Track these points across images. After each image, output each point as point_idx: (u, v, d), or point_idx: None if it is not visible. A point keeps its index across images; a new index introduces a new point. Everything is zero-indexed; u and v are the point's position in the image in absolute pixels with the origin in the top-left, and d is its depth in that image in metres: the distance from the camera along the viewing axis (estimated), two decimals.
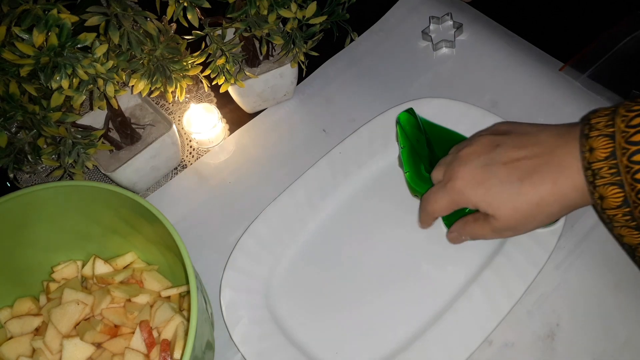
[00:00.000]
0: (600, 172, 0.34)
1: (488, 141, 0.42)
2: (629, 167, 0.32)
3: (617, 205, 0.34)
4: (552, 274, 0.49)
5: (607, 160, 0.33)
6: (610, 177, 0.33)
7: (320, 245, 0.54)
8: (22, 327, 0.47)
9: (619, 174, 0.33)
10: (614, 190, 0.33)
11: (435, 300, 0.49)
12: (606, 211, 0.35)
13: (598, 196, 0.35)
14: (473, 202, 0.42)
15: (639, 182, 0.32)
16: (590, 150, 0.34)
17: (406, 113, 0.52)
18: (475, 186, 0.41)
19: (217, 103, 0.64)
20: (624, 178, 0.33)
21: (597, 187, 0.34)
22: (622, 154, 0.32)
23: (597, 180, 0.34)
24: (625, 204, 0.33)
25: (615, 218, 0.35)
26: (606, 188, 0.34)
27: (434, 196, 0.45)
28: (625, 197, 0.33)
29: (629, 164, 0.32)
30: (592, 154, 0.34)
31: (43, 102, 0.44)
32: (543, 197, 0.38)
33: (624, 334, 0.46)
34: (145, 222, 0.44)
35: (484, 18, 0.65)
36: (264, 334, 0.49)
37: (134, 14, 0.43)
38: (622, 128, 0.33)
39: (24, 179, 0.63)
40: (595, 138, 0.34)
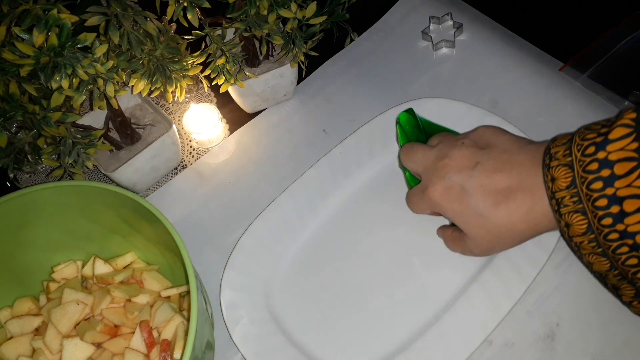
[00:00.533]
0: (564, 200, 0.35)
1: (469, 156, 0.42)
2: (589, 195, 0.33)
3: (582, 232, 0.34)
4: (552, 274, 0.49)
5: (568, 190, 0.34)
6: (573, 205, 0.34)
7: (320, 245, 0.54)
8: (22, 327, 0.47)
9: (580, 202, 0.34)
10: (578, 218, 0.34)
11: (435, 300, 0.49)
12: (573, 239, 0.35)
13: (564, 224, 0.35)
14: (449, 215, 0.43)
15: (599, 209, 0.33)
16: (552, 180, 0.35)
17: (406, 113, 0.52)
18: (452, 201, 0.42)
19: (217, 103, 0.64)
20: (585, 206, 0.33)
21: (562, 215, 0.35)
22: (582, 182, 0.33)
23: (562, 209, 0.35)
24: (590, 230, 0.34)
25: (582, 245, 0.35)
26: (571, 216, 0.35)
27: (415, 199, 0.47)
28: (589, 223, 0.34)
29: (588, 192, 0.33)
30: (554, 183, 0.35)
31: (43, 102, 0.44)
32: (515, 223, 0.40)
33: (624, 334, 0.46)
34: (145, 222, 0.44)
35: (484, 18, 0.65)
36: (264, 334, 0.49)
37: (134, 14, 0.43)
38: (578, 157, 0.34)
39: (24, 179, 0.63)
40: (556, 168, 0.35)
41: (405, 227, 0.53)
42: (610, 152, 0.32)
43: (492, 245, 0.43)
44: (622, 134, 0.32)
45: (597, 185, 0.33)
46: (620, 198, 0.32)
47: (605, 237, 0.33)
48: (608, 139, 0.33)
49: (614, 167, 0.32)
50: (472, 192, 0.41)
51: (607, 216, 0.32)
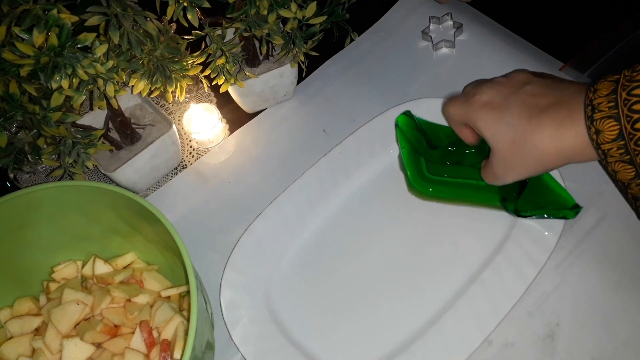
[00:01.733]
0: (600, 106, 0.36)
1: (523, 77, 0.43)
2: (627, 100, 0.34)
3: (613, 138, 0.35)
4: (552, 274, 0.49)
5: (607, 97, 0.35)
6: (608, 110, 0.35)
7: (320, 245, 0.54)
8: (22, 327, 0.47)
9: (616, 107, 0.35)
10: (610, 124, 0.35)
11: (435, 300, 0.49)
12: (601, 146, 0.36)
13: (594, 131, 0.36)
14: (480, 125, 0.43)
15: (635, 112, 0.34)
16: (594, 91, 0.37)
17: (404, 116, 0.52)
18: (489, 110, 0.42)
19: (217, 103, 0.64)
20: (620, 111, 0.35)
21: (594, 121, 0.36)
22: (623, 89, 0.35)
23: (595, 114, 0.36)
24: (620, 136, 0.35)
25: (610, 152, 0.36)
26: (603, 122, 0.35)
27: (454, 101, 0.46)
28: (621, 129, 0.35)
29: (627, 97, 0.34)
30: (594, 93, 0.36)
31: (43, 102, 0.44)
32: (542, 138, 0.39)
33: (624, 334, 0.46)
34: (145, 222, 0.44)
35: (484, 18, 0.65)
36: (264, 334, 0.49)
37: (134, 14, 0.43)
38: (626, 74, 0.35)
39: (24, 179, 0.63)
40: (600, 83, 0.36)
41: (405, 227, 0.53)
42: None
43: (515, 161, 0.42)
44: None
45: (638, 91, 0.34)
46: None
47: (637, 143, 0.34)
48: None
49: None
50: (513, 104, 0.41)
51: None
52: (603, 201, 0.51)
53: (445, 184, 0.52)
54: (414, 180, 0.52)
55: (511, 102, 0.41)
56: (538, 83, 0.42)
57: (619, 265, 0.49)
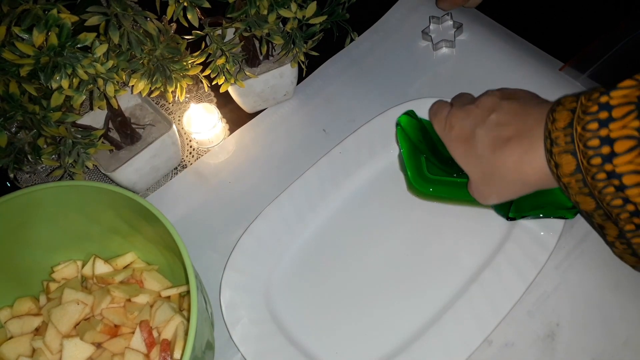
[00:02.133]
0: (557, 140, 0.37)
1: (490, 104, 0.45)
2: (582, 135, 0.35)
3: (570, 172, 0.36)
4: (552, 274, 0.49)
5: (564, 130, 0.36)
6: (564, 145, 0.36)
7: (320, 245, 0.54)
8: (22, 327, 0.47)
9: (572, 142, 0.36)
10: (568, 159, 0.36)
11: (435, 300, 0.49)
12: (562, 179, 0.37)
13: (554, 164, 0.37)
14: (455, 156, 0.46)
15: (589, 148, 0.34)
16: (553, 121, 0.37)
17: (407, 116, 0.52)
18: (460, 143, 0.45)
19: (217, 103, 0.64)
20: (576, 146, 0.35)
21: (553, 154, 0.37)
22: (578, 122, 0.35)
23: (554, 148, 0.37)
24: (578, 170, 0.36)
25: (570, 185, 0.37)
26: (561, 156, 0.36)
27: (436, 118, 0.49)
28: (578, 164, 0.36)
29: (582, 132, 0.35)
30: (553, 124, 0.37)
31: (43, 102, 0.44)
32: (507, 169, 0.41)
33: (624, 334, 0.46)
34: (145, 222, 0.44)
35: (484, 18, 0.65)
36: (264, 334, 0.49)
37: (134, 13, 0.43)
38: (583, 102, 0.36)
39: (24, 179, 0.63)
40: (559, 111, 0.37)
41: (405, 227, 0.53)
42: (613, 97, 0.34)
43: (489, 189, 0.44)
44: (629, 84, 0.34)
45: (593, 126, 0.34)
46: (613, 139, 0.33)
47: (594, 177, 0.35)
48: (615, 87, 0.34)
49: (612, 110, 0.33)
50: (479, 137, 0.43)
51: (597, 156, 0.34)
52: None
53: (445, 183, 0.52)
54: (414, 180, 0.52)
55: (477, 135, 0.43)
56: (504, 111, 0.43)
57: (619, 265, 0.49)
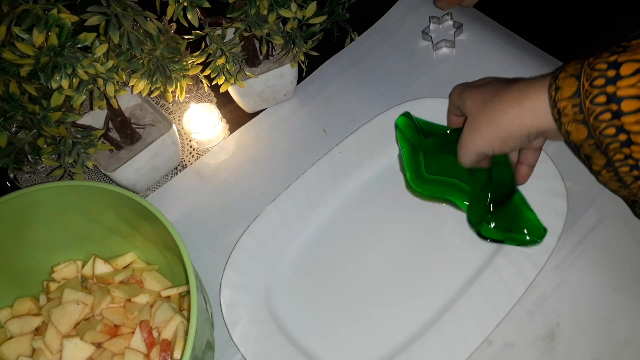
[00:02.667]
0: (567, 67, 0.37)
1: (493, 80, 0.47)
2: (592, 63, 0.35)
3: (570, 95, 0.36)
4: (552, 274, 0.49)
5: (575, 63, 0.37)
6: (572, 70, 0.37)
7: (320, 245, 0.54)
8: (22, 327, 0.47)
9: (581, 68, 0.36)
10: (571, 81, 0.36)
11: (435, 300, 0.49)
12: (558, 103, 0.37)
13: (555, 88, 0.37)
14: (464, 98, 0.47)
15: (596, 70, 0.35)
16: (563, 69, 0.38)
17: (403, 117, 0.52)
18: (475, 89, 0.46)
19: (217, 103, 0.64)
20: (583, 71, 0.36)
21: (557, 79, 0.37)
22: (591, 57, 0.36)
23: (560, 74, 0.37)
24: (577, 93, 0.36)
25: (565, 111, 0.37)
26: (565, 80, 0.37)
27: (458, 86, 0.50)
28: (580, 86, 0.36)
29: (592, 60, 0.35)
30: (565, 65, 0.38)
31: (43, 102, 0.44)
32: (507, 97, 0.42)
33: (624, 334, 0.46)
34: (145, 222, 0.44)
35: (484, 18, 0.65)
36: (264, 334, 0.49)
37: (134, 13, 0.43)
38: (590, 60, 0.36)
39: (24, 179, 0.63)
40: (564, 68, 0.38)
41: (405, 227, 0.53)
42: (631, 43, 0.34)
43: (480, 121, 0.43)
44: None
45: (605, 54, 0.35)
46: (620, 63, 0.34)
47: (592, 101, 0.35)
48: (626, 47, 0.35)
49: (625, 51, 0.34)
50: (495, 83, 0.45)
51: (601, 77, 0.34)
52: (603, 201, 0.51)
53: (442, 184, 0.52)
54: (411, 180, 0.52)
55: (495, 82, 0.45)
56: (502, 80, 0.45)
57: (619, 265, 0.49)
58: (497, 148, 0.43)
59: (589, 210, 0.51)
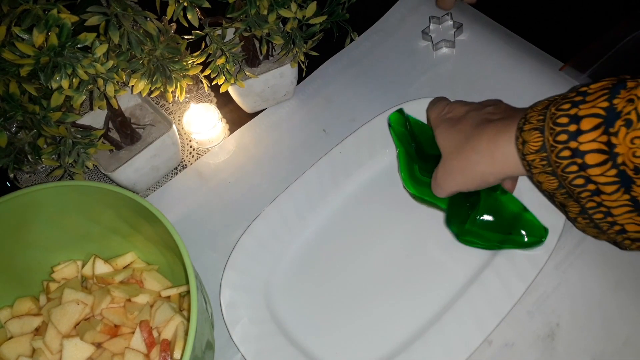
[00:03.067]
0: (531, 119, 0.38)
1: (492, 102, 0.47)
2: (554, 114, 0.36)
3: (536, 149, 0.37)
4: (552, 274, 0.49)
5: (540, 110, 0.38)
6: (536, 122, 0.37)
7: (320, 245, 0.54)
8: (22, 327, 0.47)
9: (543, 121, 0.37)
10: (535, 135, 0.37)
11: (435, 300, 0.49)
12: (526, 156, 0.38)
13: (522, 141, 0.38)
14: (436, 133, 0.47)
15: (558, 125, 0.36)
16: (533, 106, 0.39)
17: (396, 113, 0.52)
18: (448, 122, 0.46)
19: (217, 103, 0.64)
20: (545, 124, 0.36)
21: (523, 131, 0.38)
22: (555, 104, 0.36)
23: (525, 126, 0.38)
24: (543, 149, 0.36)
25: (534, 164, 0.38)
26: (530, 133, 0.37)
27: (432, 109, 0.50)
28: (544, 141, 0.36)
29: (555, 111, 0.36)
30: (532, 108, 0.39)
31: (43, 102, 0.44)
32: (480, 143, 0.42)
33: (624, 334, 0.46)
34: (145, 222, 0.44)
35: (484, 18, 0.65)
36: (264, 334, 0.49)
37: (134, 13, 0.43)
38: (552, 111, 0.37)
39: (24, 179, 0.63)
40: (530, 113, 0.38)
41: (405, 227, 0.53)
42: (591, 88, 0.36)
43: (455, 165, 0.44)
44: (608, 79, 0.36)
45: (566, 106, 0.36)
46: (580, 117, 0.34)
47: (558, 155, 0.36)
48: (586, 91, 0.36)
49: (587, 96, 0.35)
50: (469, 118, 0.45)
51: (563, 133, 0.35)
52: None
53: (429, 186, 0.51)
54: (405, 180, 0.51)
55: (468, 116, 0.45)
56: (502, 107, 0.45)
57: (619, 265, 0.49)
58: (472, 189, 0.44)
59: None
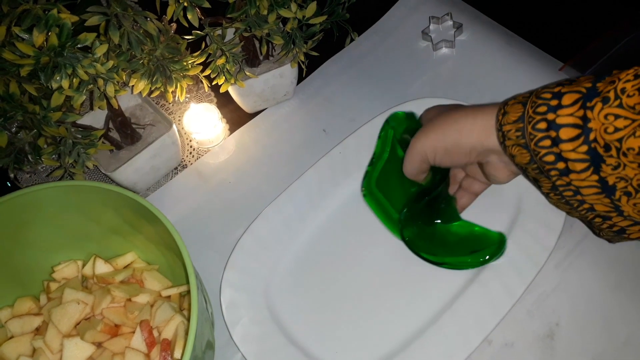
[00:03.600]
0: (516, 97, 0.39)
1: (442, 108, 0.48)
2: (537, 92, 0.37)
3: (515, 119, 0.38)
4: (552, 274, 0.49)
5: (522, 95, 0.38)
6: (521, 98, 0.38)
7: (320, 245, 0.54)
8: (23, 326, 0.47)
9: (528, 97, 0.38)
10: (517, 108, 0.38)
11: (435, 300, 0.49)
12: (503, 126, 0.39)
13: (502, 112, 0.39)
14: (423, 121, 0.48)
15: (540, 98, 0.36)
16: (515, 96, 0.39)
17: (405, 114, 0.51)
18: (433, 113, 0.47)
19: (217, 103, 0.64)
20: (530, 99, 0.37)
21: (506, 105, 0.39)
22: (536, 92, 0.37)
23: (508, 102, 0.39)
24: (521, 119, 0.37)
25: (509, 134, 0.38)
26: (512, 106, 0.38)
27: None
28: (524, 112, 0.37)
29: (538, 90, 0.37)
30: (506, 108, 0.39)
31: (43, 102, 0.44)
32: (460, 116, 0.43)
33: (624, 334, 0.46)
34: (146, 222, 0.44)
35: (484, 18, 0.65)
36: (264, 334, 0.49)
37: (134, 13, 0.43)
38: (538, 90, 0.37)
39: (24, 179, 0.63)
40: (511, 105, 0.39)
41: None
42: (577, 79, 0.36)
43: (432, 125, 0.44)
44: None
45: (549, 87, 0.36)
46: (562, 93, 0.35)
47: (534, 127, 0.36)
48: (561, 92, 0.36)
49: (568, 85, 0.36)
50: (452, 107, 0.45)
51: (544, 105, 0.36)
52: None
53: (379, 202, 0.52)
54: (364, 181, 0.51)
55: (451, 108, 0.45)
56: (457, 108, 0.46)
57: (619, 265, 0.49)
58: (440, 156, 0.44)
59: None
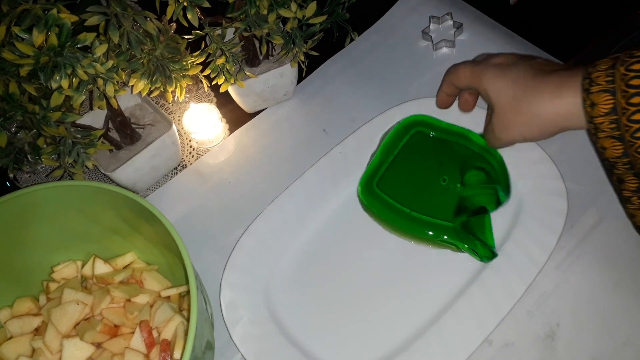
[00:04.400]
0: (597, 79, 0.36)
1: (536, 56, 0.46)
2: (625, 75, 0.35)
3: (606, 112, 0.36)
4: (552, 274, 0.49)
5: (606, 70, 0.36)
6: (605, 84, 0.36)
7: (320, 245, 0.54)
8: (22, 327, 0.47)
9: (613, 82, 0.35)
10: (606, 97, 0.36)
11: (435, 300, 0.49)
12: (595, 119, 0.37)
13: (590, 103, 0.37)
14: (485, 81, 0.44)
15: (631, 87, 0.34)
16: (594, 65, 0.37)
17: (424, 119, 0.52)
18: (497, 68, 0.44)
19: (217, 103, 0.64)
20: (617, 85, 0.35)
21: (590, 93, 0.37)
22: (621, 64, 0.35)
23: (592, 87, 0.37)
24: (614, 111, 0.35)
25: (602, 126, 0.37)
26: (599, 95, 0.36)
27: (464, 63, 0.48)
28: (615, 103, 0.35)
29: (625, 72, 0.35)
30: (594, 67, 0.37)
31: (43, 102, 0.44)
32: (542, 97, 0.41)
33: (624, 334, 0.46)
34: (145, 222, 0.44)
35: (484, 18, 0.65)
36: (264, 334, 0.49)
37: (134, 13, 0.43)
38: (625, 54, 0.35)
39: (24, 179, 0.63)
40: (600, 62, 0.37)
41: None
42: None
43: (514, 117, 0.42)
44: None
45: (637, 66, 0.34)
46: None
47: (629, 118, 0.34)
48: None
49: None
50: (520, 65, 0.43)
51: (638, 95, 0.34)
52: (603, 201, 0.51)
53: (386, 204, 0.51)
54: (362, 183, 0.51)
55: (519, 64, 0.43)
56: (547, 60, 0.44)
57: (619, 265, 0.49)
58: (529, 139, 0.43)
59: (589, 210, 0.51)
